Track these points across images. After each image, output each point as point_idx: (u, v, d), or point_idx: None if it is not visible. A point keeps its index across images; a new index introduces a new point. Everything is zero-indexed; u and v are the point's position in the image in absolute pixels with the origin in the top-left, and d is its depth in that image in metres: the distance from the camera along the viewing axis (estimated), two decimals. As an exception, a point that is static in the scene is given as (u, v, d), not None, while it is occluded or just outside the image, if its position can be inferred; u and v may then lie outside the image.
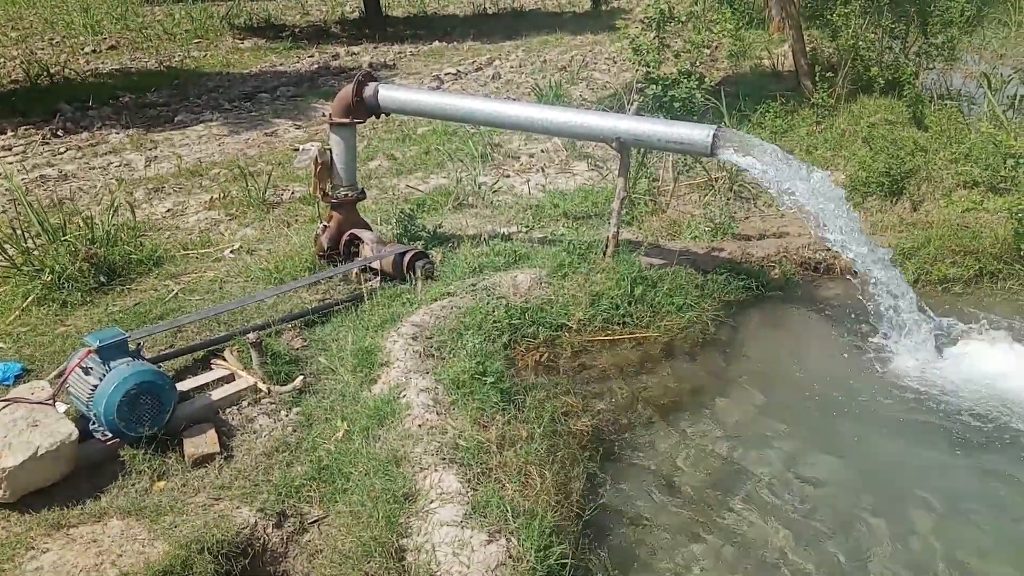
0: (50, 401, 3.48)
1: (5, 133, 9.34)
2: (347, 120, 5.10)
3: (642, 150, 6.23)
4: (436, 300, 4.63)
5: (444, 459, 3.34)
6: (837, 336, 4.93)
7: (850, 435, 4.10)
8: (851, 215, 4.55)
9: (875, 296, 4.65)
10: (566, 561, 2.96)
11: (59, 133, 9.42)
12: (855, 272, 4.72)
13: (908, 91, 7.57)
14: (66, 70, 13.09)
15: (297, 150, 8.28)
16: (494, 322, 4.38)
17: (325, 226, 5.25)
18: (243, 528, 3.18)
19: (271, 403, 3.91)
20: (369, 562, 2.95)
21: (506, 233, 5.75)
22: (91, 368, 3.49)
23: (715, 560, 3.35)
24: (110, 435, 3.45)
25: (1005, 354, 4.56)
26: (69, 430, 3.29)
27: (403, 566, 2.95)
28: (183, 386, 3.86)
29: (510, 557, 2.88)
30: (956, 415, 4.14)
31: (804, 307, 5.27)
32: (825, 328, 5.04)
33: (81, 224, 5.39)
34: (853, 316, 4.97)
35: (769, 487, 3.74)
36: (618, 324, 4.68)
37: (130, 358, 3.55)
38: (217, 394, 3.86)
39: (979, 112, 7.78)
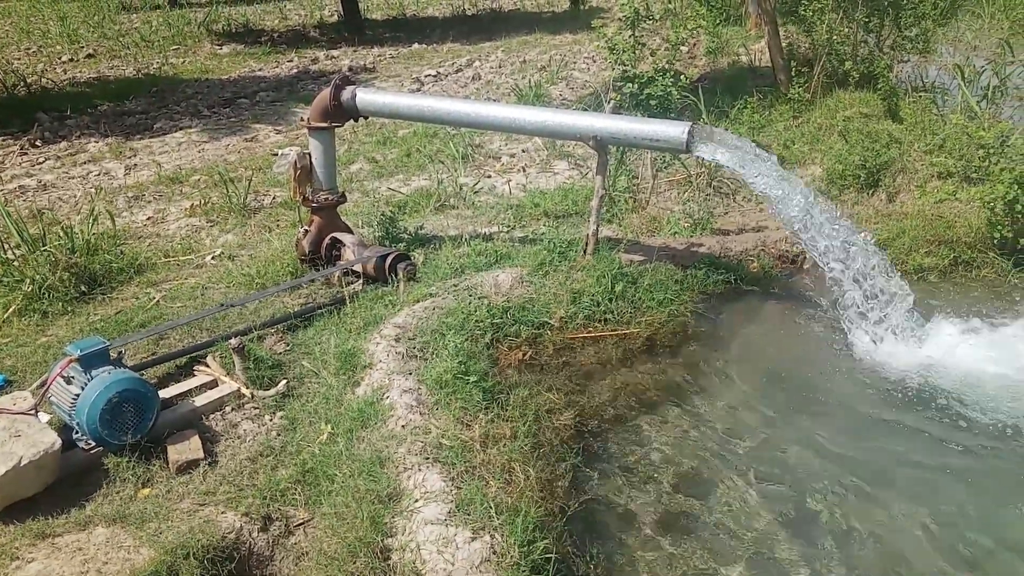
0: (32, 411, 3.47)
1: (-18, 144, 9.27)
2: (325, 124, 5.12)
3: (621, 148, 6.27)
4: (418, 301, 4.65)
5: (428, 458, 3.37)
6: (814, 327, 4.99)
7: (831, 424, 4.15)
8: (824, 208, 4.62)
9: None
10: (550, 556, 2.99)
11: (37, 143, 9.36)
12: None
13: (883, 84, 7.64)
14: (43, 79, 13.01)
15: (277, 155, 8.29)
16: (476, 322, 4.41)
17: (306, 230, 5.27)
18: (229, 533, 3.18)
19: (255, 408, 3.92)
20: (355, 562, 2.97)
21: (487, 233, 5.78)
22: (73, 377, 3.49)
23: (699, 552, 3.38)
24: (93, 444, 3.45)
25: (978, 339, 4.64)
26: (52, 440, 3.29)
27: (388, 565, 2.97)
28: (166, 393, 3.87)
29: (494, 553, 2.91)
30: (932, 400, 4.21)
31: (782, 299, 5.33)
32: (803, 319, 5.09)
33: (61, 234, 5.37)
34: (829, 307, 5.03)
35: (752, 479, 3.79)
36: (600, 321, 4.72)
37: (112, 366, 3.56)
38: (200, 400, 3.87)
39: (953, 104, 7.87)
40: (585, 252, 5.08)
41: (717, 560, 3.34)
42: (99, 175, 8.16)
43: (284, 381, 4.07)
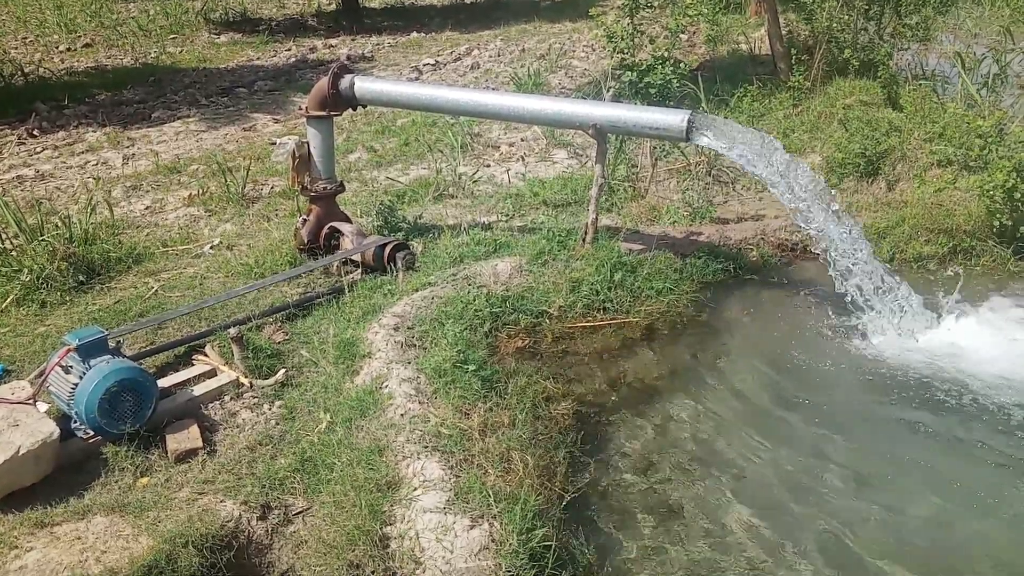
0: (31, 401, 3.48)
1: (-20, 134, 9.24)
2: (324, 113, 5.10)
3: (621, 137, 6.25)
4: (417, 291, 4.65)
5: (427, 447, 3.37)
6: (813, 316, 4.99)
7: (829, 413, 4.16)
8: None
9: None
10: (549, 543, 3.00)
11: (35, 133, 9.32)
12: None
13: (883, 72, 7.62)
14: (41, 69, 12.93)
15: (275, 144, 8.25)
16: (475, 311, 4.40)
17: (305, 219, 5.26)
18: (227, 521, 3.19)
19: (253, 397, 3.93)
20: (353, 551, 2.98)
21: (486, 222, 5.77)
22: (71, 367, 3.48)
23: (697, 539, 3.39)
24: (92, 433, 3.46)
25: (976, 330, 4.64)
26: (51, 429, 3.29)
27: (387, 553, 2.98)
28: (165, 382, 3.87)
29: (493, 541, 2.92)
30: (932, 391, 4.21)
31: (781, 288, 5.33)
32: (802, 308, 5.09)
33: (59, 223, 5.37)
34: (828, 296, 5.02)
35: (749, 467, 3.80)
36: (598, 310, 4.72)
37: (110, 356, 3.55)
38: (199, 389, 3.87)
39: (954, 92, 7.84)
40: (584, 241, 5.07)
41: (715, 547, 3.35)
42: (97, 165, 8.14)
43: (283, 370, 4.07)
